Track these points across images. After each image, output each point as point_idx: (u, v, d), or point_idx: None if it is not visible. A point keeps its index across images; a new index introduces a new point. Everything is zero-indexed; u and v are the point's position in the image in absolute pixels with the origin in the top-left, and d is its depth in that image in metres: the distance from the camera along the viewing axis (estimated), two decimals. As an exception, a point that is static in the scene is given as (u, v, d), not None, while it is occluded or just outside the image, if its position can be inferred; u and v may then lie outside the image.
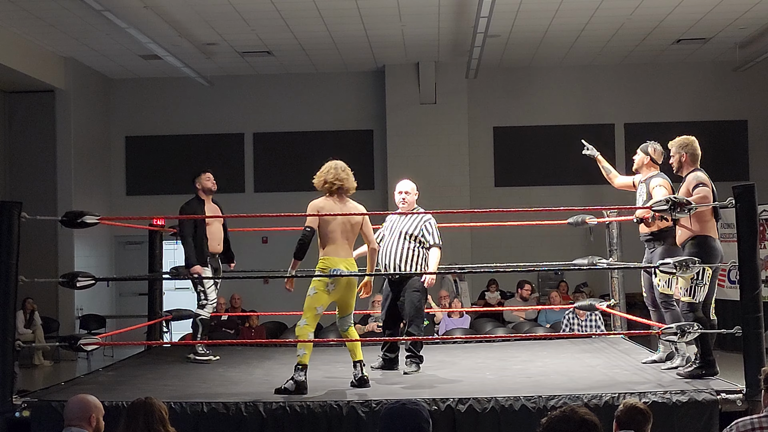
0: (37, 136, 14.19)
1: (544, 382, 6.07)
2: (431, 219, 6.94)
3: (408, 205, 6.98)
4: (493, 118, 15.29)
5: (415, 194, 7.03)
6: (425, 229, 6.86)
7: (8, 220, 5.67)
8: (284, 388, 5.86)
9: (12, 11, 11.29)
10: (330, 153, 15.60)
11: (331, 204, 6.17)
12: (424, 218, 6.92)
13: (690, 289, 5.99)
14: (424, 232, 6.84)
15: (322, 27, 12.39)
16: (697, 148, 6.23)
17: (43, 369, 12.75)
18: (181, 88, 15.29)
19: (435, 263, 6.84)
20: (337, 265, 6.00)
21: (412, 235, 6.83)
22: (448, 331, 10.59)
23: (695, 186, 5.99)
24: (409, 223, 6.90)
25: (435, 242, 6.86)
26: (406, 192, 6.99)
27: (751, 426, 3.84)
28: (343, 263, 6.03)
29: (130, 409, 3.97)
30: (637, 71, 15.16)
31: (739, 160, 14.87)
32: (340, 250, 6.07)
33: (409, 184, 7.08)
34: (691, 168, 6.18)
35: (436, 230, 6.90)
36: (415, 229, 6.84)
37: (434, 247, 6.86)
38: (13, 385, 5.58)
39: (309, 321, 6.02)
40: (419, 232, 6.84)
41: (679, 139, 6.29)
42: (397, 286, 6.93)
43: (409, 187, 7.03)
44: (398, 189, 7.06)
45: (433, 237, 6.86)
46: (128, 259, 14.98)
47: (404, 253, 6.83)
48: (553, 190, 14.89)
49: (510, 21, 12.26)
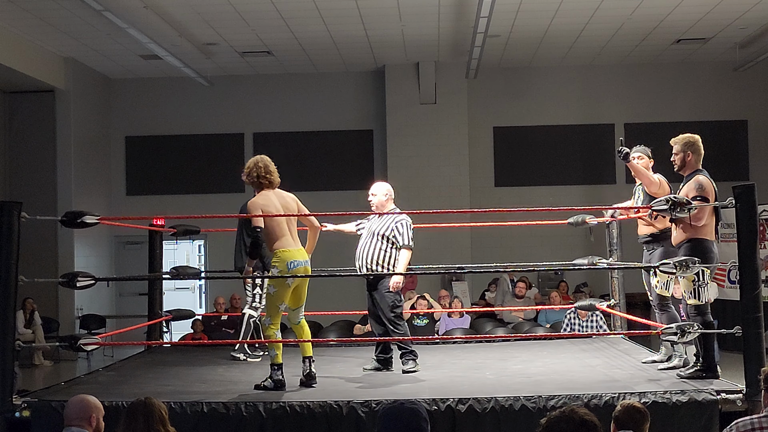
0: (37, 136, 14.19)
1: (544, 382, 6.07)
2: (404, 219, 6.87)
3: (377, 207, 6.97)
4: (493, 118, 15.29)
5: (384, 195, 6.97)
6: (396, 229, 6.81)
7: (8, 220, 5.67)
8: (263, 386, 5.99)
9: (12, 11, 11.29)
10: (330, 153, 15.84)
11: (270, 199, 6.23)
12: (397, 219, 6.86)
13: (694, 291, 5.96)
14: (395, 233, 6.80)
15: (322, 27, 12.39)
16: (701, 147, 6.16)
17: (43, 369, 12.75)
18: (181, 88, 15.29)
19: (403, 264, 6.79)
20: (294, 255, 6.11)
21: (384, 235, 6.81)
22: (448, 331, 10.59)
23: (694, 197, 5.93)
24: (382, 223, 6.88)
25: (405, 243, 6.79)
26: (372, 194, 7.01)
27: (751, 426, 3.84)
28: (299, 253, 6.15)
29: (130, 410, 3.97)
30: (637, 71, 15.16)
31: (739, 160, 14.87)
32: (291, 241, 6.18)
33: (377, 186, 7.06)
34: (694, 168, 6.10)
35: (407, 231, 6.82)
36: (387, 230, 6.82)
37: (403, 248, 6.80)
38: (13, 385, 5.58)
39: (273, 320, 6.13)
40: (390, 232, 6.81)
41: (684, 137, 6.19)
42: (371, 286, 6.95)
43: (375, 189, 7.03)
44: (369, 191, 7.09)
45: (403, 237, 6.80)
46: (128, 259, 14.98)
47: (375, 253, 6.82)
48: (553, 190, 14.89)
49: (510, 21, 12.26)
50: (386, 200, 6.99)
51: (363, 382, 6.43)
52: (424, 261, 12.48)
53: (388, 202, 6.99)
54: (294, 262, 6.08)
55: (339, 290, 12.42)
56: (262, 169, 6.28)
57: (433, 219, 11.71)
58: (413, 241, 6.87)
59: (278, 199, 6.25)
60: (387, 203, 6.99)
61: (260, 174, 6.27)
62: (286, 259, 6.08)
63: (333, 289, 12.33)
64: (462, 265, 11.88)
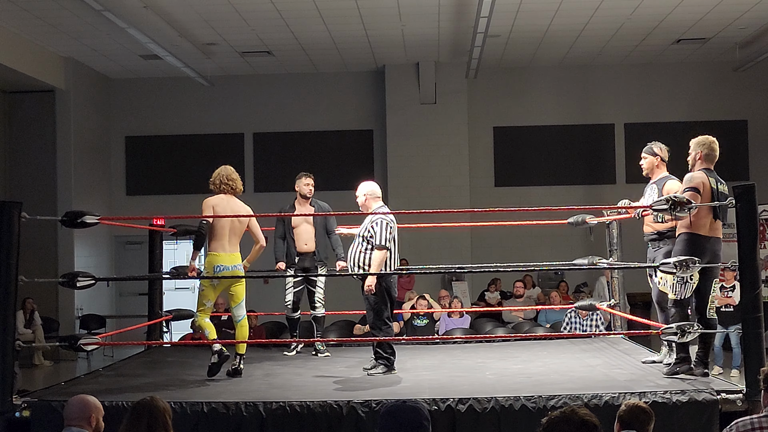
0: (37, 136, 14.19)
1: (544, 382, 6.07)
2: (380, 219, 6.74)
3: (361, 208, 6.97)
4: (493, 118, 15.30)
5: (363, 196, 6.94)
6: (372, 229, 6.75)
7: (8, 220, 5.67)
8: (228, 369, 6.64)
9: (12, 11, 11.29)
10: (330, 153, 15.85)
11: (224, 202, 6.76)
12: (373, 219, 6.79)
13: (674, 286, 5.98)
14: (372, 232, 6.75)
15: (322, 27, 12.39)
16: (714, 148, 6.11)
17: (43, 369, 12.75)
18: (181, 88, 15.29)
19: (375, 265, 6.68)
20: (222, 260, 6.66)
21: (362, 236, 6.80)
22: (448, 331, 10.59)
23: (685, 189, 5.96)
24: (363, 224, 6.88)
25: (378, 243, 6.68)
26: (356, 196, 7.02)
27: (751, 426, 3.84)
28: (228, 258, 6.68)
29: (134, 410, 3.93)
30: (637, 71, 15.16)
31: (739, 160, 14.86)
32: (225, 246, 6.70)
33: (360, 187, 7.04)
34: (702, 167, 6.09)
35: (382, 231, 6.69)
36: (364, 230, 6.80)
37: (376, 249, 6.69)
38: (13, 385, 5.58)
39: (201, 311, 6.74)
40: (368, 232, 6.78)
41: (700, 137, 6.19)
42: (361, 288, 6.92)
43: (358, 190, 7.02)
44: None
45: (376, 238, 6.69)
46: (128, 259, 14.99)
47: (357, 255, 6.82)
48: (553, 190, 14.90)
49: (510, 21, 12.26)
50: (366, 200, 6.93)
51: (363, 382, 6.43)
52: (424, 261, 12.53)
53: (369, 202, 6.92)
54: (219, 267, 6.65)
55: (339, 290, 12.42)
56: (224, 176, 6.85)
57: (433, 219, 11.72)
58: (390, 242, 6.74)
59: (232, 204, 6.78)
60: (368, 203, 6.92)
61: (222, 181, 6.84)
62: (213, 263, 6.68)
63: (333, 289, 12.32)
64: (462, 266, 11.87)
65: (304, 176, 8.02)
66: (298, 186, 8.02)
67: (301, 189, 8.00)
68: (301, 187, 8.00)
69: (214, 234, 6.69)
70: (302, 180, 8.00)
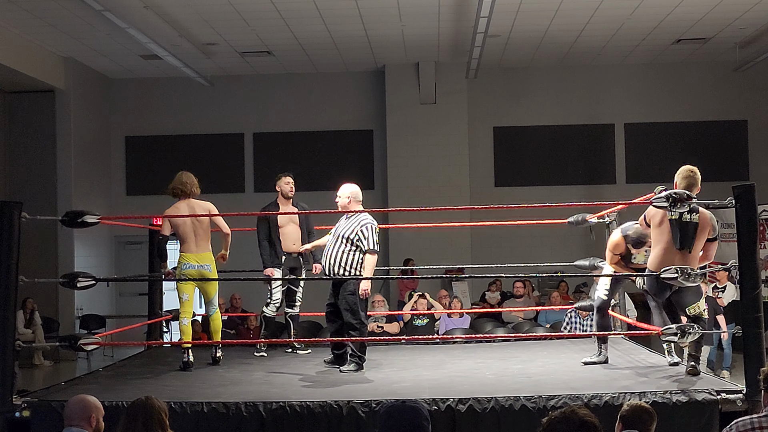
0: (37, 136, 14.18)
1: (544, 382, 6.07)
2: (369, 223, 6.82)
3: (341, 208, 6.99)
4: (493, 118, 15.29)
5: (346, 198, 6.98)
6: (361, 233, 6.78)
7: (8, 220, 5.67)
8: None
9: (12, 11, 11.29)
10: (330, 153, 15.83)
11: (179, 209, 7.12)
12: (363, 222, 6.83)
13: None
14: (360, 236, 6.78)
15: (322, 27, 12.39)
16: (689, 176, 6.05)
17: (43, 369, 12.75)
18: (181, 88, 15.29)
19: (369, 269, 6.79)
20: (189, 260, 7.07)
21: (348, 238, 6.81)
22: (448, 331, 10.58)
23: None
24: (348, 225, 6.88)
25: (369, 247, 6.75)
26: (338, 197, 7.05)
27: (751, 426, 3.84)
28: (194, 257, 7.07)
29: (130, 410, 3.94)
30: (637, 71, 15.16)
31: (739, 160, 14.87)
32: (192, 247, 7.09)
33: (342, 189, 7.06)
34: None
35: (372, 235, 6.78)
36: (351, 233, 6.81)
37: (368, 253, 6.77)
38: (13, 385, 5.57)
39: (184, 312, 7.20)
40: (355, 235, 6.80)
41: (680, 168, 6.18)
42: (335, 287, 7.00)
43: (340, 191, 7.05)
44: None
45: (368, 242, 6.76)
46: (128, 259, 14.98)
47: (339, 256, 6.83)
48: (553, 190, 14.89)
49: (510, 21, 12.26)
50: (348, 203, 6.97)
51: (363, 382, 6.42)
52: (424, 261, 12.53)
53: (351, 205, 6.96)
54: (185, 265, 7.07)
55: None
56: (177, 182, 7.23)
57: (433, 219, 11.73)
58: (378, 245, 6.85)
59: (188, 209, 7.10)
60: (351, 206, 6.96)
61: (175, 186, 7.22)
62: (180, 262, 7.13)
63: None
64: (462, 266, 11.87)
65: (285, 176, 8.03)
66: (279, 186, 8.01)
67: (283, 188, 7.98)
68: (283, 186, 7.98)
69: (180, 238, 7.11)
70: (283, 179, 8.00)
